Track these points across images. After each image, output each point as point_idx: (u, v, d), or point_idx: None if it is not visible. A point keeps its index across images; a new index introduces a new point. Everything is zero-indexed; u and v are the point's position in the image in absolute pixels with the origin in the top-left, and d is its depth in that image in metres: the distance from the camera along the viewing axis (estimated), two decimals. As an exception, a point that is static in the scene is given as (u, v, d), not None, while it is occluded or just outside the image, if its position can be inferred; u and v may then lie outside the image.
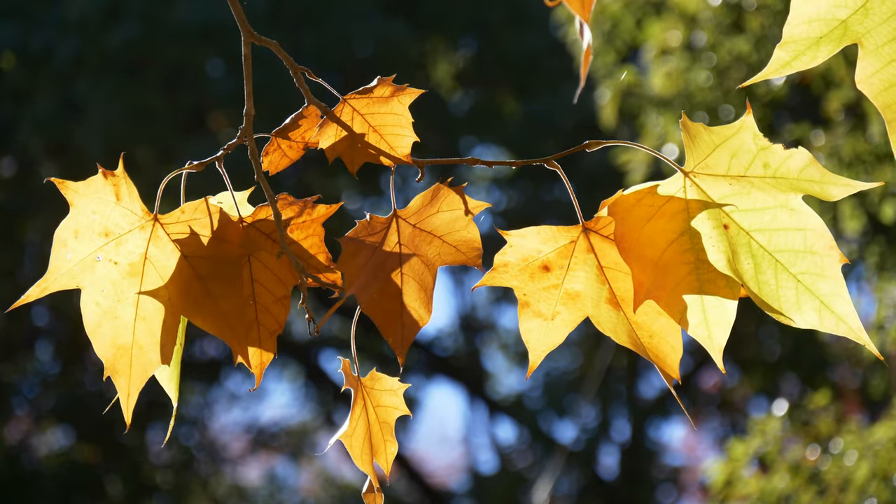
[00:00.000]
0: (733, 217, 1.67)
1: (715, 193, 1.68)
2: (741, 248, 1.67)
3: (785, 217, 1.66)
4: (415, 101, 1.79)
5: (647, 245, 1.67)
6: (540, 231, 1.72)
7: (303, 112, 1.80)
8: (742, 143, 1.65)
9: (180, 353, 1.80)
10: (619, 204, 1.69)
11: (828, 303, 1.65)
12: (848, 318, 1.64)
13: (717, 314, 1.68)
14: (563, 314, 1.72)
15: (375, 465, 1.79)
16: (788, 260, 1.66)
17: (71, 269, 1.72)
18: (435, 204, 1.74)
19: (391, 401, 1.77)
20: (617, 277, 1.71)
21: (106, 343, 1.72)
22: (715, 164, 1.67)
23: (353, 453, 1.75)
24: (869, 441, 5.97)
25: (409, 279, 1.72)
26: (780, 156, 1.64)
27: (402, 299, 1.72)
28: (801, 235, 1.65)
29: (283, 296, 1.74)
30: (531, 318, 1.72)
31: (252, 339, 1.75)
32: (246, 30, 1.82)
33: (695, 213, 1.68)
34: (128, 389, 1.72)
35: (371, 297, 1.71)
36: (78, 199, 1.71)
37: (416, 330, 1.71)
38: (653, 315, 1.71)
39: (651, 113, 6.83)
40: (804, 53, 1.56)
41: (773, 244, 1.66)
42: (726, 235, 1.67)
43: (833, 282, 1.64)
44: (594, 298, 1.72)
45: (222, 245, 1.71)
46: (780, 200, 1.66)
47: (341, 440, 1.75)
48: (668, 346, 1.71)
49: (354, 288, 1.71)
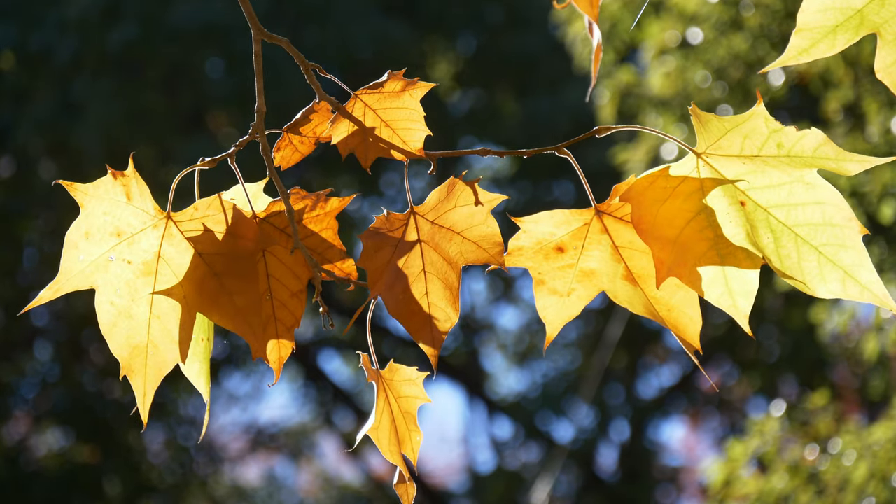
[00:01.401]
0: (749, 194, 1.69)
1: (728, 172, 1.69)
2: (759, 224, 1.68)
3: (801, 191, 1.67)
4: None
5: (665, 225, 1.69)
6: (553, 215, 1.73)
7: (313, 107, 1.80)
8: (755, 127, 1.67)
9: (209, 348, 1.80)
10: (633, 188, 1.70)
11: (852, 272, 1.66)
12: (873, 286, 1.65)
13: (740, 284, 1.70)
14: (579, 290, 1.74)
15: (403, 455, 1.79)
16: (808, 233, 1.67)
17: (83, 270, 1.72)
18: (451, 199, 1.74)
19: (411, 390, 1.78)
20: (633, 256, 1.73)
21: (121, 342, 1.72)
22: (728, 145, 1.68)
23: (380, 446, 1.75)
24: (867, 441, 5.97)
25: (433, 278, 1.73)
26: (794, 136, 1.65)
27: (429, 299, 1.72)
28: (820, 209, 1.67)
29: (298, 290, 1.75)
30: (547, 296, 1.74)
31: (270, 335, 1.76)
32: (256, 27, 1.83)
33: (710, 191, 1.69)
34: (143, 388, 1.72)
35: (397, 299, 1.71)
36: (88, 200, 1.71)
37: (445, 330, 1.71)
38: (671, 289, 1.73)
39: (650, 112, 6.83)
40: (821, 41, 1.57)
41: (792, 219, 1.68)
42: (744, 212, 1.69)
43: (855, 252, 1.65)
44: (610, 275, 1.74)
45: (237, 241, 1.71)
46: (795, 176, 1.67)
47: (369, 434, 1.75)
48: (687, 317, 1.73)
49: (379, 288, 1.71)
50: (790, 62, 1.57)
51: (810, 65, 6.27)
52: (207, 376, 1.80)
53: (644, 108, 6.86)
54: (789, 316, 10.96)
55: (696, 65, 6.67)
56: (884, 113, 6.09)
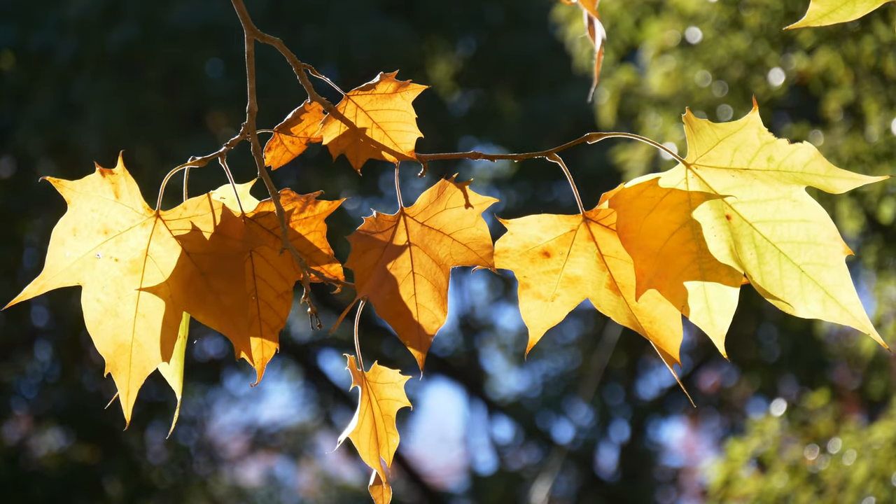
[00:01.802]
0: (736, 208, 1.68)
1: (717, 185, 1.68)
2: (744, 239, 1.67)
3: (788, 208, 1.66)
4: (414, 101, 1.78)
5: (649, 236, 1.68)
6: (541, 219, 1.73)
7: (305, 107, 1.79)
8: (746, 138, 1.65)
9: (184, 346, 1.80)
10: (620, 196, 1.69)
11: (832, 293, 1.65)
12: (853, 308, 1.64)
13: (720, 302, 1.69)
14: (563, 296, 1.74)
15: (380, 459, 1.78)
16: (792, 251, 1.66)
17: (70, 267, 1.72)
18: (442, 201, 1.74)
19: (393, 393, 1.77)
20: (617, 265, 1.72)
21: (107, 340, 1.72)
22: (718, 156, 1.67)
23: (360, 449, 1.75)
24: (867, 441, 5.97)
25: (421, 279, 1.72)
26: (785, 150, 1.64)
27: (417, 300, 1.71)
28: (805, 227, 1.66)
29: (284, 291, 1.74)
30: (531, 300, 1.73)
31: (254, 335, 1.75)
32: (249, 27, 1.82)
33: (697, 204, 1.68)
34: (127, 387, 1.72)
35: (385, 300, 1.70)
36: (75, 197, 1.71)
37: (433, 332, 1.70)
38: (653, 301, 1.72)
39: (650, 112, 6.83)
40: (841, 7, 1.56)
41: (777, 235, 1.67)
42: (729, 226, 1.68)
43: (837, 272, 1.64)
44: (594, 283, 1.74)
45: (224, 241, 1.71)
46: (783, 192, 1.66)
47: (350, 437, 1.75)
48: (669, 330, 1.72)
49: (366, 289, 1.70)
50: (812, 24, 1.55)
51: (810, 65, 6.26)
52: (181, 374, 1.80)
53: (644, 108, 6.85)
54: (789, 316, 10.94)
55: (695, 64, 6.66)
56: (884, 113, 6.09)
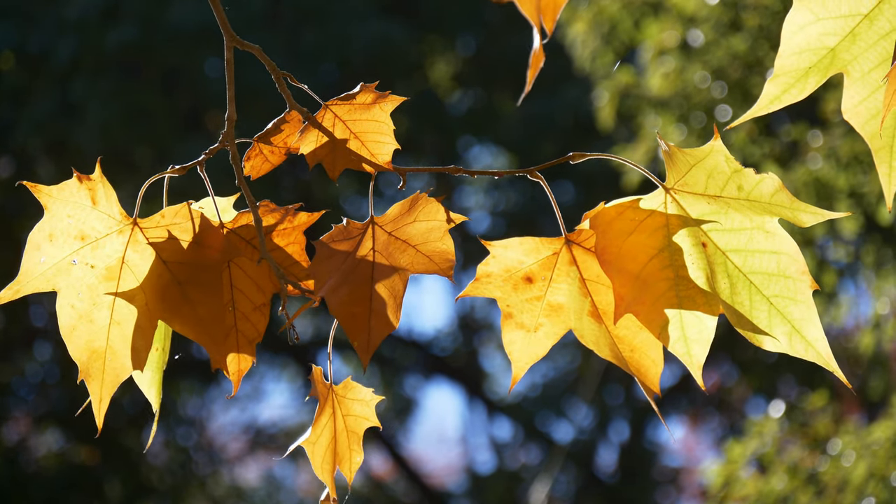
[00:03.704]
0: (711, 236, 1.67)
1: (694, 211, 1.67)
2: (718, 268, 1.67)
3: (761, 239, 1.66)
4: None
5: (628, 259, 1.66)
6: (523, 242, 1.71)
7: (285, 117, 1.79)
8: (716, 165, 1.65)
9: (164, 358, 1.78)
10: (600, 216, 1.68)
11: (798, 327, 1.65)
12: (817, 344, 1.64)
13: (696, 331, 1.67)
14: (546, 326, 1.71)
15: (338, 473, 1.78)
16: (762, 282, 1.65)
17: (45, 272, 1.71)
18: (412, 213, 1.73)
19: (362, 411, 1.76)
20: (599, 290, 1.71)
21: (80, 346, 1.71)
22: (693, 182, 1.66)
23: (313, 461, 1.75)
24: (867, 441, 5.97)
25: (379, 285, 1.71)
26: (752, 179, 1.64)
27: (371, 304, 1.70)
28: (776, 259, 1.65)
29: (262, 303, 1.73)
30: (514, 330, 1.71)
31: (230, 346, 1.74)
32: (228, 34, 1.82)
33: (675, 229, 1.67)
34: (100, 394, 1.71)
35: (341, 301, 1.69)
36: (52, 203, 1.71)
37: (383, 335, 1.69)
38: (634, 329, 1.70)
39: (649, 113, 6.82)
40: (793, 86, 1.56)
41: (748, 265, 1.66)
42: (705, 253, 1.67)
43: (804, 307, 1.64)
44: (577, 311, 1.71)
45: (202, 250, 1.70)
46: (757, 223, 1.66)
47: (303, 446, 1.74)
48: (650, 360, 1.70)
49: (324, 290, 1.69)
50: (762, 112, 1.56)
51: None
52: (159, 387, 1.79)
53: (643, 109, 6.84)
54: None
55: (695, 65, 6.66)
56: (882, 114, 6.08)
